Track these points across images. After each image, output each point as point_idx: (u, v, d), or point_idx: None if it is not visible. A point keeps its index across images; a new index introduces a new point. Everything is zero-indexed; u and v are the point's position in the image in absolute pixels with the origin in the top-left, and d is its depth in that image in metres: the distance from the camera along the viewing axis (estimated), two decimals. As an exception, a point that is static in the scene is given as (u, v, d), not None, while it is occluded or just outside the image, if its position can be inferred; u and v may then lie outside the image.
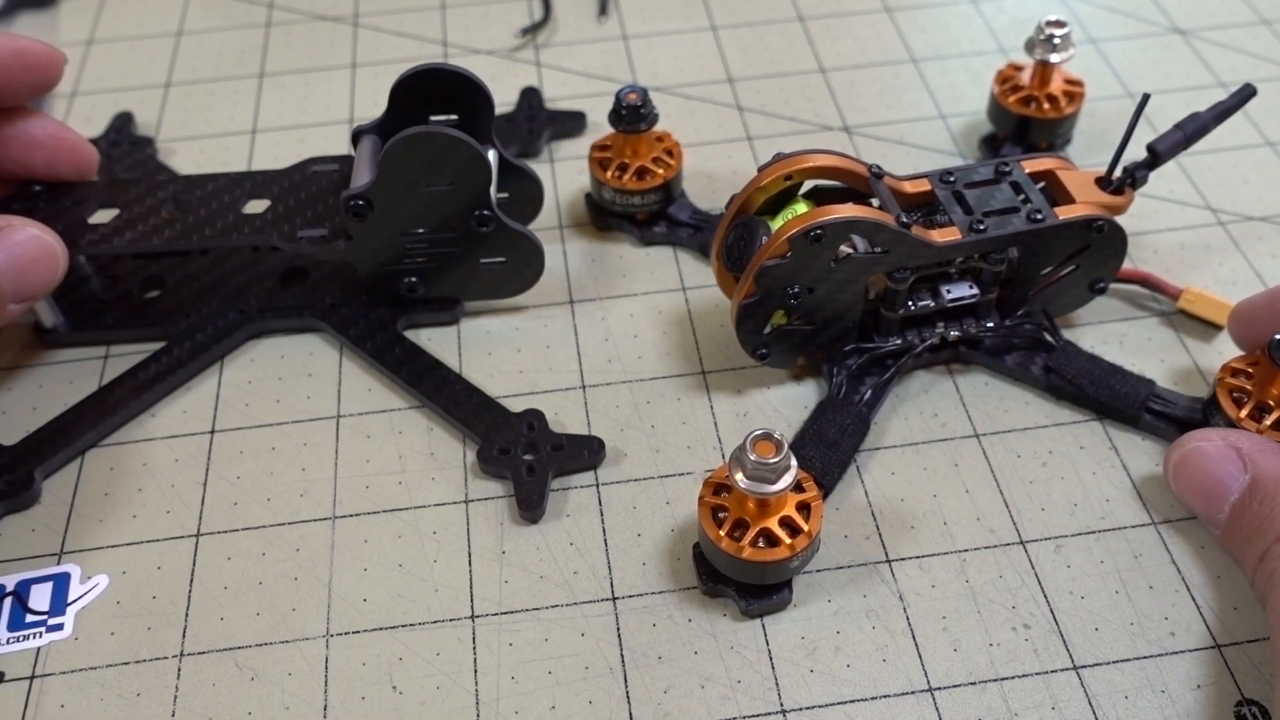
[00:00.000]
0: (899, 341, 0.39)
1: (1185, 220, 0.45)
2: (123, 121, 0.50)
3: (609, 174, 0.44)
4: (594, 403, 0.40)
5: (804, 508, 0.33)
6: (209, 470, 0.38)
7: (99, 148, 0.47)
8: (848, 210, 0.35)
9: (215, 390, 0.41)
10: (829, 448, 0.37)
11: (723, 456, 0.38)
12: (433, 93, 0.40)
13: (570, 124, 0.50)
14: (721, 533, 0.33)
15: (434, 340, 0.42)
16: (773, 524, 0.32)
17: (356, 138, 0.41)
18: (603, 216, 0.45)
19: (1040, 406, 0.39)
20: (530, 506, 0.36)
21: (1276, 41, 0.54)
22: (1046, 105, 0.46)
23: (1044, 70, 0.46)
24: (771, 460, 0.31)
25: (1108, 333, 0.41)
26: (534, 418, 0.38)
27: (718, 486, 0.34)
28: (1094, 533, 0.36)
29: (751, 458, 0.31)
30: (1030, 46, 0.45)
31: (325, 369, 0.41)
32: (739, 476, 0.32)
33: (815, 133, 0.50)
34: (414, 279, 0.41)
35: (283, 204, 0.40)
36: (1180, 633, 0.33)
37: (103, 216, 0.40)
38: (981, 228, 0.37)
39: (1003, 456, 0.38)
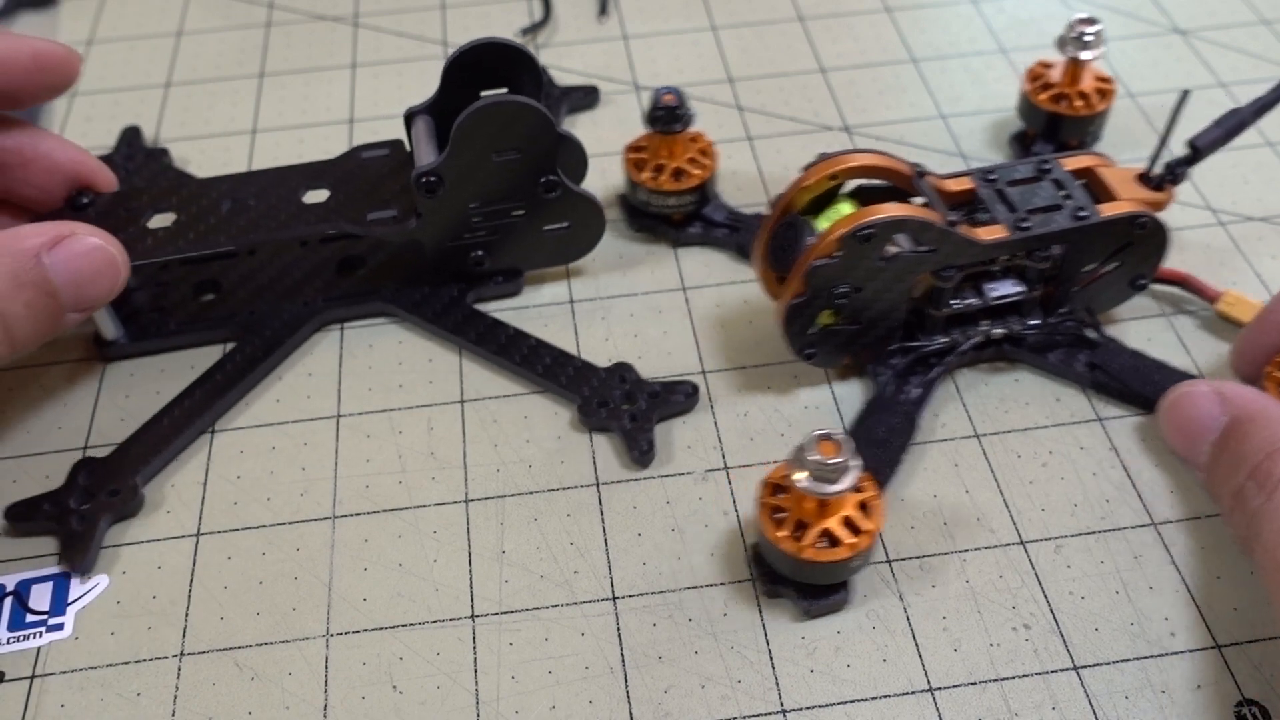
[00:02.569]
0: (944, 340, 0.39)
1: (1185, 220, 0.45)
2: (131, 135, 0.50)
3: (645, 175, 0.44)
4: (594, 403, 0.40)
5: (863, 506, 0.33)
6: (209, 470, 0.38)
7: (114, 163, 0.47)
8: (897, 209, 0.36)
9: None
10: (879, 447, 0.37)
11: (723, 456, 0.38)
12: (483, 68, 0.40)
13: (583, 98, 0.51)
14: (781, 533, 0.33)
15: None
16: (834, 524, 0.32)
17: (409, 120, 0.41)
18: (637, 218, 0.45)
19: (1040, 407, 0.39)
20: (641, 452, 0.37)
21: (1277, 41, 0.54)
22: (1078, 102, 0.46)
23: (1075, 67, 0.46)
24: (833, 460, 0.31)
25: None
26: (623, 370, 0.39)
27: (775, 487, 0.34)
28: (1094, 533, 0.36)
29: (813, 458, 0.31)
30: (1061, 44, 0.46)
31: (325, 368, 0.41)
32: (800, 476, 0.32)
33: (815, 132, 0.50)
34: (480, 252, 0.41)
35: (343, 191, 0.41)
36: (1180, 633, 0.33)
37: (158, 221, 0.40)
38: (1026, 225, 0.37)
39: (1003, 457, 0.38)
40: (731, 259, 0.45)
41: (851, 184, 0.39)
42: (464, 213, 0.40)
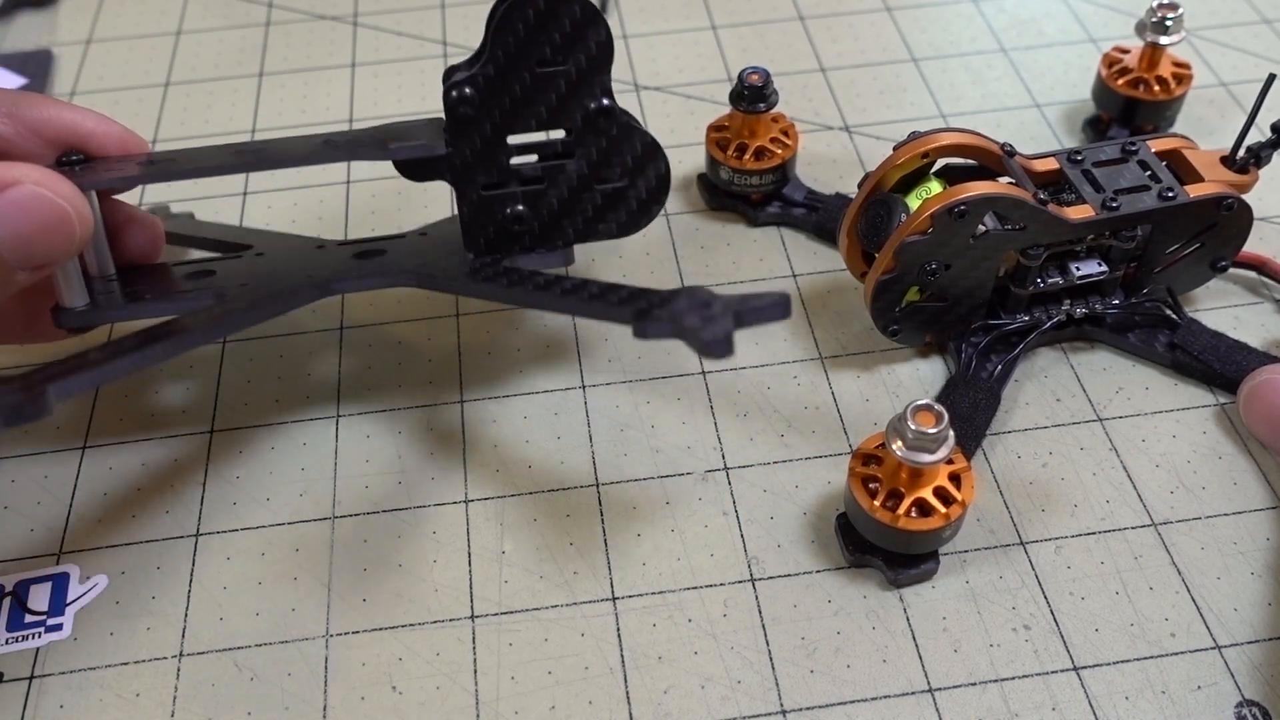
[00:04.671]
0: (1026, 319, 0.40)
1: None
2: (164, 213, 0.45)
3: (728, 154, 0.44)
4: (594, 403, 0.40)
5: (954, 478, 0.33)
6: (208, 470, 0.38)
7: None
8: (989, 187, 0.36)
9: (215, 390, 0.41)
10: (963, 423, 0.37)
11: (723, 457, 0.38)
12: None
13: None
14: (876, 503, 0.33)
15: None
16: (927, 493, 0.33)
17: (450, 74, 0.36)
18: (717, 196, 0.46)
19: (1040, 408, 0.39)
20: (716, 342, 0.28)
21: (1278, 40, 0.54)
22: (1156, 88, 0.46)
23: (1153, 52, 0.46)
24: (931, 430, 0.32)
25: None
26: (694, 289, 0.31)
27: (866, 458, 0.34)
28: (1094, 534, 0.36)
29: (912, 427, 0.32)
30: (1141, 29, 0.46)
31: (324, 368, 0.41)
32: (897, 446, 0.32)
33: (816, 131, 0.50)
34: (520, 208, 0.36)
35: (367, 135, 0.36)
36: (1180, 633, 0.33)
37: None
38: (1115, 205, 0.37)
39: (1003, 457, 0.38)
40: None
41: (938, 163, 0.40)
42: (501, 149, 0.35)
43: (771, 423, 0.39)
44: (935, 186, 0.39)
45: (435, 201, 0.47)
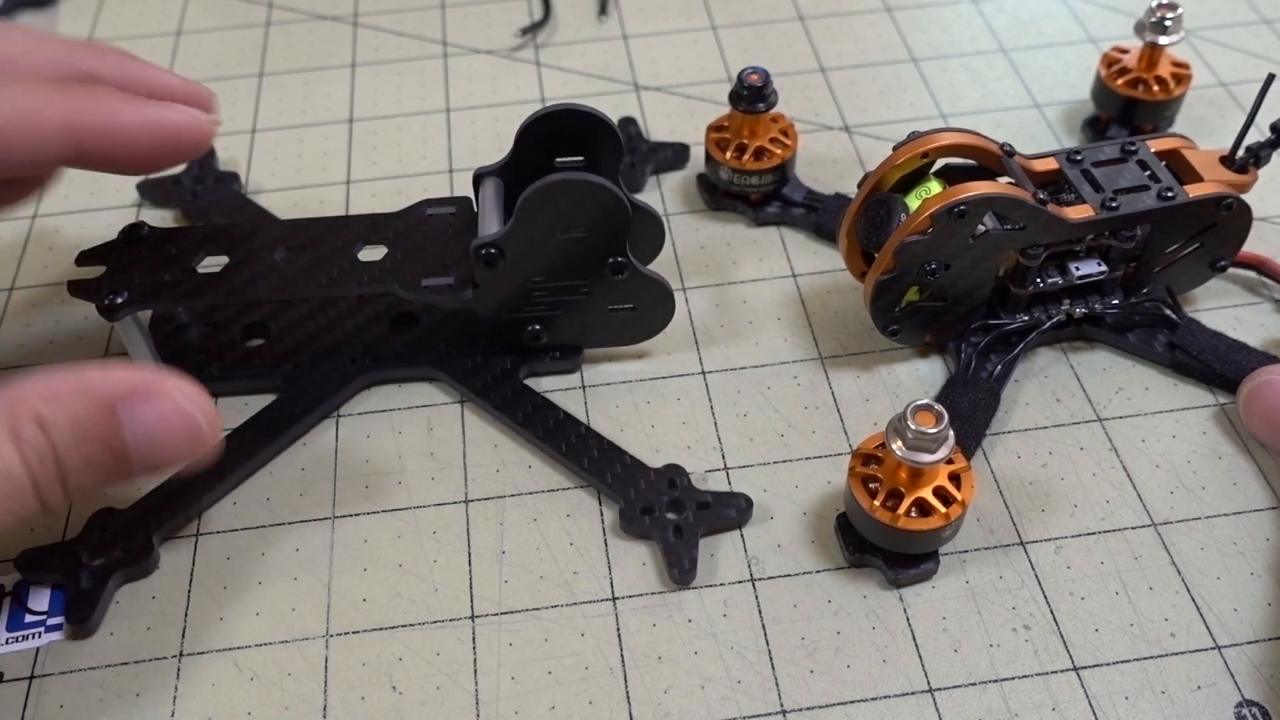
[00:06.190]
0: (1025, 319, 0.40)
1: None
2: (205, 156, 0.48)
3: (728, 155, 0.44)
4: (593, 402, 0.40)
5: (954, 478, 0.33)
6: (208, 470, 0.38)
7: (183, 185, 0.46)
8: (989, 186, 0.36)
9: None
10: (963, 422, 0.37)
11: (722, 457, 0.38)
12: (558, 133, 0.39)
13: (673, 157, 0.48)
14: (875, 503, 0.33)
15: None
16: (927, 493, 0.33)
17: (478, 181, 0.39)
18: (717, 196, 0.46)
19: (1040, 408, 0.39)
20: (682, 571, 0.34)
21: (1277, 40, 0.54)
22: (1155, 88, 0.46)
23: (1152, 52, 0.46)
24: (931, 430, 0.32)
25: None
26: (675, 474, 0.37)
27: (866, 458, 0.34)
28: (1094, 534, 0.36)
29: (912, 427, 0.32)
30: (1140, 29, 0.46)
31: (325, 369, 0.41)
32: (897, 445, 0.32)
33: (816, 132, 0.50)
34: (538, 326, 0.39)
35: (400, 249, 0.38)
36: (1180, 633, 0.33)
37: (209, 264, 0.38)
38: (1114, 205, 0.37)
39: (1003, 457, 0.38)
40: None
41: (939, 164, 0.40)
42: (524, 287, 0.38)
43: (771, 423, 0.39)
44: (935, 186, 0.39)
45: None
